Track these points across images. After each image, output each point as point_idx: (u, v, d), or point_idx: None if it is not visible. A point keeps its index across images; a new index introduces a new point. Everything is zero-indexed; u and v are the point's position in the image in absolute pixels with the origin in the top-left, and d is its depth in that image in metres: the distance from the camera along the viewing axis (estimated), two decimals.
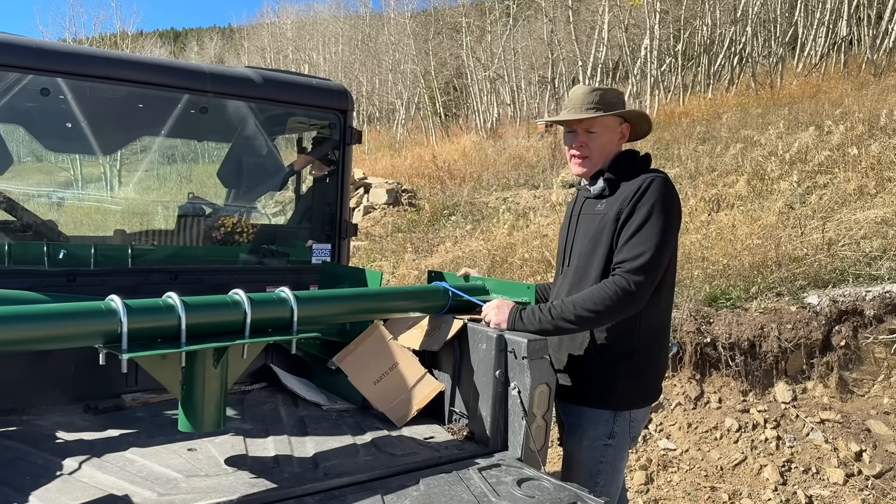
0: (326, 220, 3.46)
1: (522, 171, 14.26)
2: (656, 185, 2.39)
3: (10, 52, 2.59)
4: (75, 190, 4.39)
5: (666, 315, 2.58)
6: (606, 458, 2.51)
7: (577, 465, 2.56)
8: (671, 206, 2.40)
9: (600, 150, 2.55)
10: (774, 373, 5.25)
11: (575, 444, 2.57)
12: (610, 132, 2.56)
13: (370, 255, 10.55)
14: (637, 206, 2.38)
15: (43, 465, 2.09)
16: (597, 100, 2.50)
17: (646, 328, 2.47)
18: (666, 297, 2.53)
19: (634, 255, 2.34)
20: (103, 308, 1.83)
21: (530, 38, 30.76)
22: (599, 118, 2.51)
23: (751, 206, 7.36)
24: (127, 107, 3.14)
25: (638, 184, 2.41)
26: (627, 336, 2.46)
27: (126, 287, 2.79)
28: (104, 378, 2.69)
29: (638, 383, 2.50)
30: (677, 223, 2.46)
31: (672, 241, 2.41)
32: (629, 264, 2.34)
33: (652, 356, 2.53)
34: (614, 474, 2.56)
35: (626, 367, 2.47)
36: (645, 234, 2.35)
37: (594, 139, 2.54)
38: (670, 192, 2.41)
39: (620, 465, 2.58)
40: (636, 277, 2.32)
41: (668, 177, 2.47)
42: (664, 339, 2.58)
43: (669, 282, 2.53)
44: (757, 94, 18.80)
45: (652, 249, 2.33)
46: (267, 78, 3.13)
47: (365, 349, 2.62)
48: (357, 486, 2.00)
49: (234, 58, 49.16)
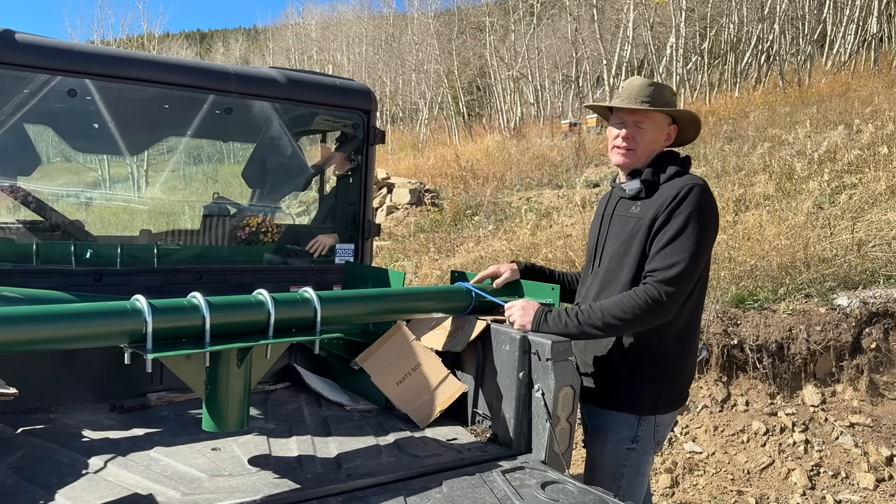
0: (350, 220, 3.46)
1: (546, 171, 14.19)
2: (695, 193, 2.33)
3: (39, 53, 2.62)
4: (102, 190, 4.44)
5: (695, 320, 2.52)
6: (630, 462, 2.47)
7: (600, 468, 2.52)
8: (708, 215, 2.34)
9: (645, 147, 2.50)
10: (803, 375, 5.16)
11: (598, 447, 2.54)
12: (658, 130, 2.51)
13: (393, 255, 10.57)
14: (674, 214, 2.32)
15: (69, 464, 2.10)
16: (652, 95, 2.45)
17: (675, 333, 2.43)
18: (696, 302, 2.48)
19: (667, 265, 2.30)
20: (129, 308, 1.84)
21: (554, 37, 30.64)
22: (652, 114, 2.47)
23: (778, 206, 7.25)
24: (153, 108, 3.17)
25: (676, 189, 2.35)
26: (655, 340, 2.41)
27: (151, 287, 2.81)
28: (130, 377, 2.71)
29: (664, 388, 2.45)
30: (714, 233, 2.40)
31: (706, 252, 2.36)
32: (661, 274, 2.30)
33: (680, 361, 2.48)
34: (638, 478, 2.51)
35: (652, 371, 2.43)
36: (680, 245, 2.30)
37: (641, 134, 2.49)
38: (708, 200, 2.36)
39: (644, 469, 2.54)
40: (668, 288, 2.28)
41: (706, 184, 2.40)
42: (693, 343, 2.53)
43: (701, 288, 2.48)
44: (785, 93, 18.56)
45: (686, 260, 2.28)
46: (291, 78, 3.14)
47: (388, 350, 2.62)
48: (380, 487, 1.99)
49: (259, 58, 49.56)
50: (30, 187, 3.17)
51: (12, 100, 2.73)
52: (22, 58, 2.59)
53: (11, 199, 3.13)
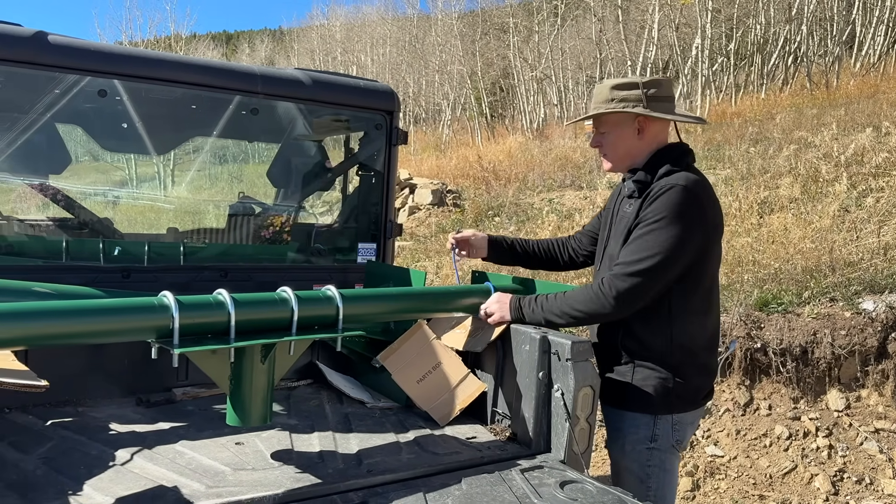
0: (372, 220, 3.49)
1: (568, 172, 14.14)
2: (672, 192, 2.28)
3: (70, 54, 2.68)
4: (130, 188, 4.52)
5: (707, 317, 2.46)
6: (653, 461, 2.44)
7: (625, 470, 2.50)
8: (684, 215, 2.26)
9: (614, 148, 2.51)
10: (827, 380, 5.11)
11: (618, 449, 2.52)
12: (619, 128, 2.48)
13: (414, 255, 10.60)
14: (647, 213, 2.30)
15: (97, 456, 2.15)
16: (613, 96, 2.45)
17: (681, 331, 2.38)
18: (705, 298, 2.43)
19: (627, 261, 2.29)
20: (156, 304, 1.87)
21: (578, 38, 30.50)
22: (605, 116, 2.49)
23: (804, 208, 7.18)
24: (181, 108, 3.22)
25: (654, 189, 2.32)
26: (661, 338, 2.38)
27: (178, 284, 2.85)
28: (156, 372, 2.76)
29: (677, 386, 2.39)
30: (695, 232, 2.29)
31: (678, 252, 2.26)
32: (620, 269, 2.30)
33: (693, 359, 2.42)
34: (665, 476, 2.47)
35: (661, 370, 2.39)
36: (644, 243, 2.28)
37: (605, 137, 2.52)
38: (688, 200, 2.27)
39: (670, 465, 2.49)
40: (621, 283, 2.28)
41: (693, 182, 2.32)
42: (709, 341, 2.48)
43: (709, 287, 2.43)
44: (812, 95, 18.33)
45: (649, 260, 2.25)
46: (316, 80, 3.18)
47: (409, 348, 2.64)
48: (400, 484, 2.01)
49: (284, 59, 49.91)
50: (60, 185, 3.24)
51: (44, 100, 2.79)
52: (54, 59, 2.64)
53: (43, 196, 3.20)
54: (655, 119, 2.45)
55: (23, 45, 2.58)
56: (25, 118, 2.82)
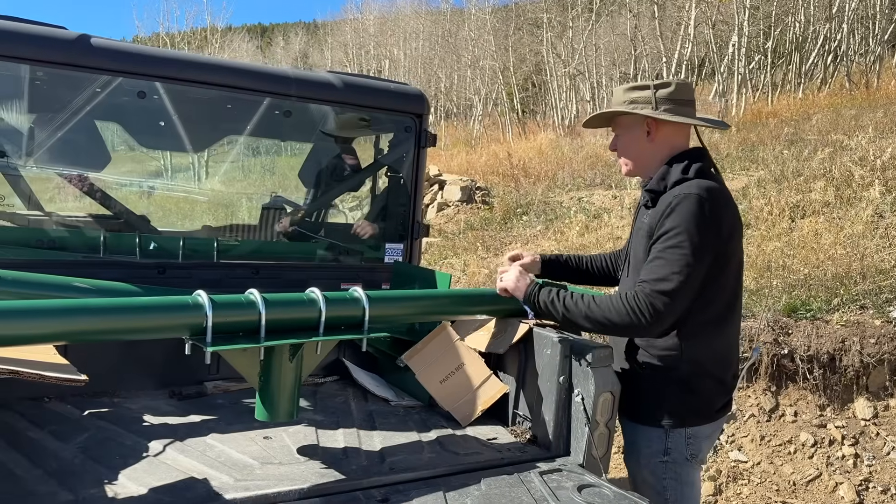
0: (400, 221, 3.55)
1: (599, 171, 14.06)
2: (686, 203, 2.20)
3: (112, 56, 2.77)
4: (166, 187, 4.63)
5: (725, 330, 2.40)
6: (668, 475, 2.40)
7: (642, 483, 2.48)
8: (699, 227, 2.18)
9: (627, 151, 2.48)
10: (855, 388, 5.06)
11: (633, 462, 2.51)
12: (630, 131, 2.45)
13: (442, 252, 10.65)
14: (665, 227, 2.22)
15: (131, 446, 2.24)
16: (626, 98, 2.43)
17: (695, 344, 2.32)
18: (724, 312, 2.36)
19: (657, 278, 2.19)
20: (191, 303, 1.95)
21: (613, 34, 30.24)
22: (620, 118, 2.48)
23: (836, 213, 7.09)
24: (217, 109, 3.31)
25: (669, 200, 2.24)
26: (674, 352, 2.33)
27: (212, 280, 2.95)
28: (188, 366, 2.84)
29: (689, 399, 2.35)
30: (711, 242, 2.21)
31: (700, 266, 2.20)
32: (651, 286, 2.20)
33: (707, 372, 2.36)
34: (683, 488, 2.42)
35: (672, 384, 2.34)
36: (672, 257, 2.19)
37: (619, 140, 2.51)
38: (701, 210, 2.19)
39: (688, 478, 2.43)
40: (657, 302, 2.18)
41: (706, 189, 2.23)
42: (726, 354, 2.43)
43: (727, 297, 2.36)
44: (851, 95, 17.98)
45: (677, 276, 2.17)
46: (347, 83, 3.24)
47: (433, 348, 2.69)
48: (421, 482, 2.07)
49: (318, 53, 50.24)
50: (99, 182, 3.35)
51: (86, 100, 2.89)
52: (97, 61, 2.74)
53: (82, 192, 3.31)
54: (666, 122, 2.38)
55: (67, 48, 2.68)
56: (68, 118, 2.93)
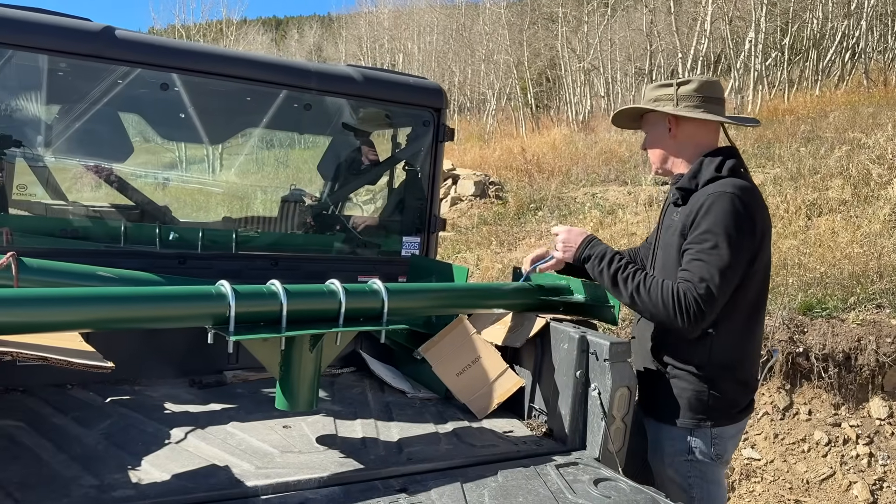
0: (417, 215, 3.57)
1: (613, 167, 14.02)
2: (721, 202, 2.22)
3: (136, 49, 2.80)
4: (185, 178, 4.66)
5: (750, 331, 2.42)
6: (693, 473, 2.42)
7: (668, 480, 2.49)
8: (737, 227, 2.21)
9: (652, 148, 2.54)
10: (870, 387, 5.04)
11: (658, 460, 2.52)
12: (655, 129, 2.52)
13: (455, 247, 10.67)
14: (701, 225, 2.24)
15: (153, 433, 2.27)
16: (652, 96, 2.49)
17: (722, 345, 2.35)
18: (750, 313, 2.39)
19: (701, 279, 2.21)
20: (214, 292, 1.98)
21: (629, 29, 30.05)
22: (647, 116, 2.54)
23: (853, 212, 7.04)
24: (237, 101, 3.33)
25: (702, 199, 2.27)
26: (697, 353, 2.36)
27: (231, 271, 2.97)
28: (207, 356, 2.88)
29: (713, 401, 2.37)
30: (748, 241, 2.25)
31: (738, 267, 2.24)
32: (696, 287, 2.20)
33: (732, 373, 2.39)
34: (709, 486, 2.43)
35: (697, 384, 2.37)
36: (711, 260, 2.20)
37: (647, 138, 2.57)
38: (736, 210, 2.22)
39: (714, 477, 2.44)
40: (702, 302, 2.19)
41: (741, 190, 2.26)
42: (749, 354, 2.45)
43: (753, 298, 2.38)
44: (869, 93, 17.81)
45: (718, 277, 2.19)
46: (367, 76, 3.26)
47: (449, 342, 2.70)
48: (438, 473, 2.09)
49: (332, 46, 50.19)
50: (121, 173, 3.39)
51: (111, 91, 2.92)
52: (121, 52, 2.77)
53: (105, 182, 3.34)
54: (687, 119, 2.40)
55: (92, 39, 2.71)
56: (92, 109, 2.96)
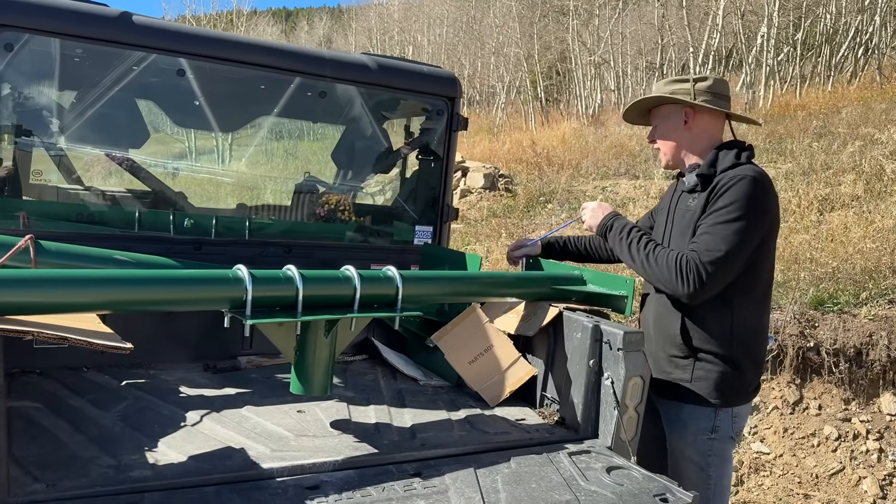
0: (430, 203, 3.57)
1: (623, 160, 13.99)
2: (743, 183, 2.34)
3: (154, 34, 2.81)
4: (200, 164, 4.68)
5: (765, 311, 2.57)
6: (714, 451, 2.54)
7: (686, 460, 2.58)
8: (753, 207, 2.34)
9: (664, 139, 2.62)
10: (881, 383, 5.03)
11: (679, 439, 2.60)
12: (668, 120, 2.59)
13: (465, 239, 10.67)
14: (719, 202, 2.36)
15: (168, 416, 2.29)
16: (665, 90, 2.57)
17: (744, 328, 2.47)
18: (765, 294, 2.53)
19: (708, 249, 2.33)
20: (231, 276, 1.99)
21: (640, 23, 29.87)
22: (656, 109, 2.62)
23: (866, 207, 7.01)
24: (252, 88, 3.34)
25: (723, 180, 2.38)
26: (721, 331, 2.46)
27: (245, 257, 2.97)
28: (222, 340, 2.90)
29: (736, 381, 2.50)
30: (761, 224, 2.38)
31: (749, 244, 2.35)
32: (703, 256, 2.33)
33: (751, 354, 2.53)
34: (724, 465, 2.58)
35: (721, 364, 2.47)
36: (722, 232, 2.33)
37: (657, 130, 2.64)
38: (757, 192, 2.35)
39: (728, 454, 2.60)
40: (704, 271, 2.32)
41: (760, 175, 2.39)
42: (763, 336, 2.57)
43: (767, 280, 2.51)
44: (882, 89, 17.68)
45: (725, 250, 2.31)
46: (381, 65, 3.26)
47: (462, 330, 2.71)
48: (452, 459, 2.11)
49: (342, 38, 50.13)
50: (137, 158, 3.41)
51: (127, 77, 2.93)
52: (138, 38, 2.78)
53: (123, 168, 3.36)
54: (703, 112, 2.53)
55: (109, 24, 2.72)
56: (109, 95, 2.97)
